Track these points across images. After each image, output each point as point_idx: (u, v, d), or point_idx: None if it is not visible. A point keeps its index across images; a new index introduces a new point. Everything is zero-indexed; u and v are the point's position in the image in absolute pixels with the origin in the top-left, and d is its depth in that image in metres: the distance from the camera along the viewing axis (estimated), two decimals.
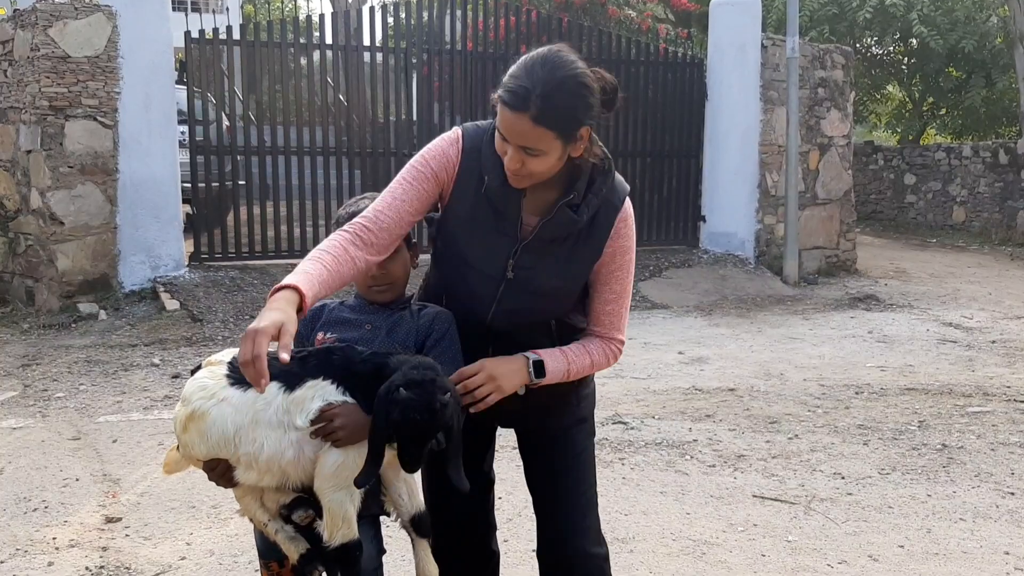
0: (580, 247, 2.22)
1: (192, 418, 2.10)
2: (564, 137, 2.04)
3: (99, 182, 7.93)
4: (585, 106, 2.04)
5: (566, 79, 2.01)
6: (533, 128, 2.00)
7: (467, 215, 2.21)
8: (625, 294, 2.30)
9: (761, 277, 9.97)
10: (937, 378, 6.45)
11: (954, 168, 15.05)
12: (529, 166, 2.06)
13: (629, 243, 2.26)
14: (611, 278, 2.27)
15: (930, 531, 3.99)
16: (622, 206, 2.24)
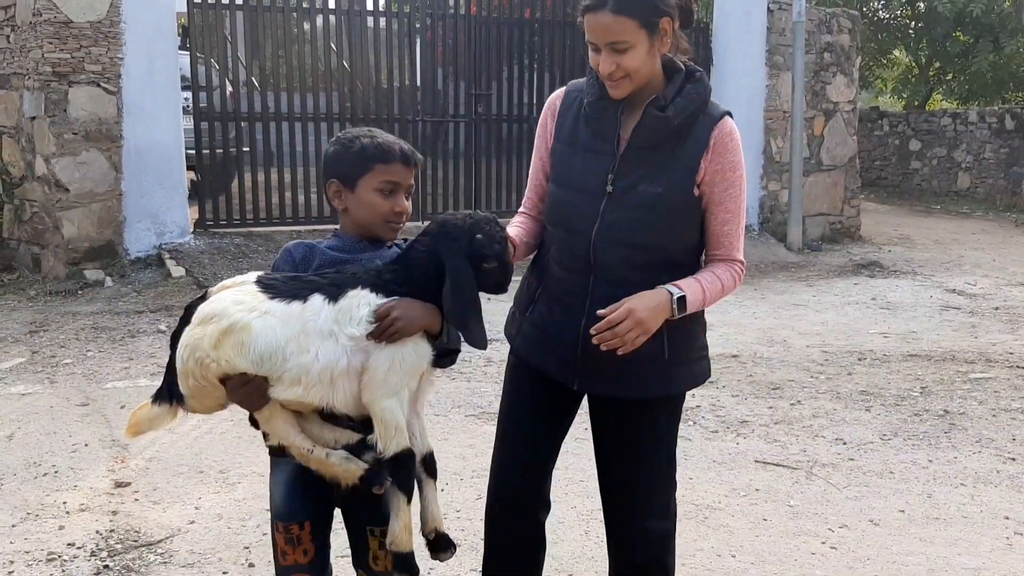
0: (677, 154, 2.22)
1: (230, 331, 2.02)
2: (647, 25, 2.12)
3: (103, 149, 7.92)
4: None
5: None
6: (615, 19, 2.10)
7: (567, 139, 2.33)
8: (741, 212, 2.28)
9: (765, 244, 9.96)
10: (940, 344, 6.47)
11: (960, 134, 14.98)
12: (623, 64, 2.13)
13: (736, 158, 2.24)
14: (725, 196, 2.24)
15: (931, 496, 4.03)
16: (721, 119, 2.24)
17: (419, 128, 9.60)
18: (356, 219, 2.25)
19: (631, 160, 2.24)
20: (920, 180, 15.66)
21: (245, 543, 3.56)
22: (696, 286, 2.23)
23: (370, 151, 2.20)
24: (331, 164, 2.26)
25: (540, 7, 10.05)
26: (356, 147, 2.21)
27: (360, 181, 2.21)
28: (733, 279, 2.30)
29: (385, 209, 2.22)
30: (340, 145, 2.26)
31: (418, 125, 9.59)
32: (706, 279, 2.25)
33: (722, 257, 2.30)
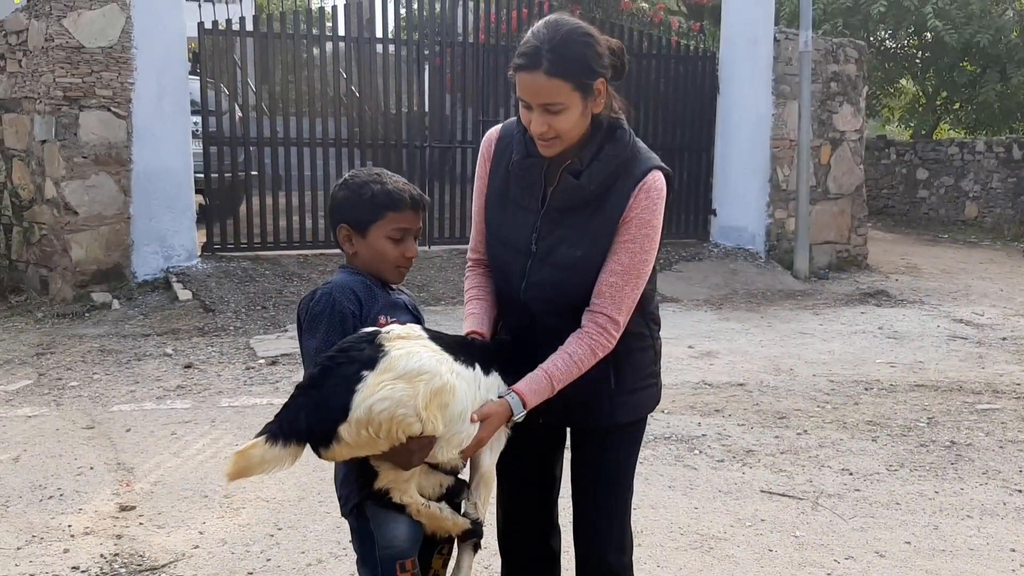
0: (597, 216, 2.20)
1: (440, 392, 1.98)
2: (581, 88, 2.10)
3: (113, 172, 7.98)
4: (595, 54, 2.11)
5: (571, 31, 2.10)
6: (548, 81, 2.07)
7: (498, 192, 2.33)
8: (633, 272, 2.20)
9: (771, 271, 9.97)
10: (947, 375, 6.45)
11: (967, 163, 14.99)
12: (555, 125, 2.12)
13: (647, 216, 2.19)
14: (620, 248, 2.20)
15: (937, 528, 4.00)
16: (643, 177, 2.20)
17: (427, 154, 9.65)
18: (366, 263, 2.28)
19: (552, 221, 2.24)
20: (927, 209, 15.66)
21: (249, 568, 3.55)
22: (543, 382, 2.19)
23: (381, 199, 2.22)
24: (341, 209, 2.27)
25: None
26: (367, 194, 2.23)
27: (371, 228, 2.24)
28: (592, 350, 2.20)
29: (395, 255, 2.26)
30: (350, 191, 2.26)
31: (426, 151, 9.65)
32: (558, 367, 2.20)
33: (598, 310, 2.21)
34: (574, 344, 2.22)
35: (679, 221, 10.65)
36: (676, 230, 10.62)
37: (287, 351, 6.73)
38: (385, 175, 2.28)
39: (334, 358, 1.99)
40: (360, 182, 2.26)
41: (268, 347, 6.86)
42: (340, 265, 2.35)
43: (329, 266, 8.79)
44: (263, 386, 5.96)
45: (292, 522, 3.96)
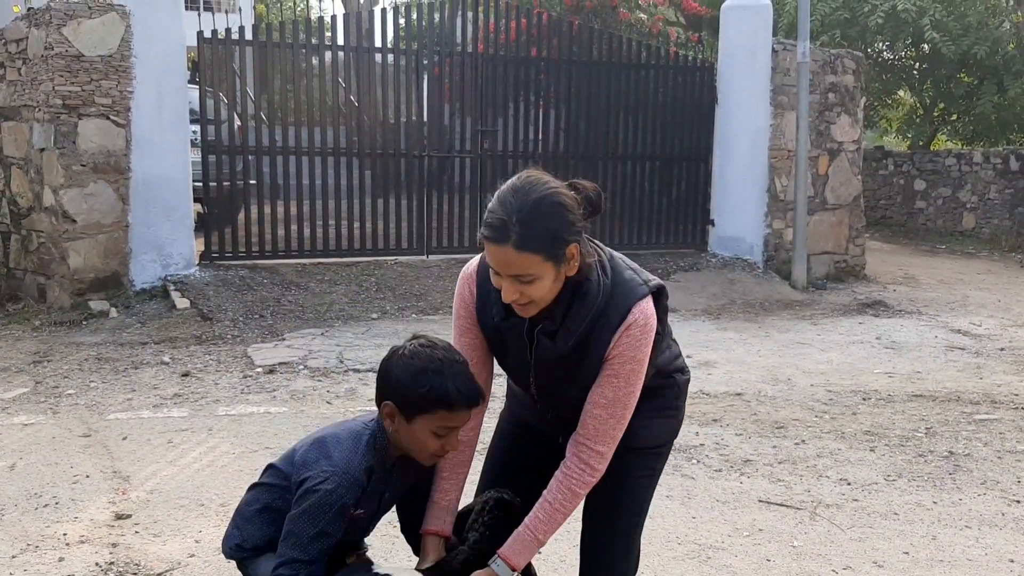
0: (583, 362, 2.19)
1: None
2: (552, 258, 2.04)
3: (111, 181, 7.98)
4: (565, 224, 2.04)
5: (540, 200, 2.02)
6: (518, 255, 2.01)
7: (492, 341, 2.32)
8: (618, 404, 2.17)
9: (769, 282, 9.97)
10: (945, 385, 6.45)
11: (964, 174, 15.02)
12: (528, 293, 2.07)
13: (631, 353, 2.14)
14: (605, 382, 2.17)
15: (935, 538, 3.99)
16: (621, 324, 2.14)
17: (425, 163, 9.66)
18: (403, 444, 2.22)
19: (544, 370, 2.26)
20: (925, 220, 15.68)
21: None
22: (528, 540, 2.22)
23: (439, 396, 2.13)
24: (393, 388, 2.18)
25: (546, 46, 10.15)
26: (423, 387, 2.13)
27: (419, 418, 2.16)
28: (574, 493, 2.22)
29: (435, 448, 2.20)
30: (407, 373, 2.15)
31: (424, 160, 9.66)
32: (540, 519, 2.23)
33: (583, 442, 2.21)
34: (555, 489, 2.24)
35: (677, 231, 10.66)
36: (674, 240, 10.63)
37: (285, 360, 6.72)
38: (447, 363, 2.15)
39: None
40: (419, 368, 2.14)
41: (266, 356, 6.85)
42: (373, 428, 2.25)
43: (327, 275, 8.79)
44: (260, 395, 5.95)
45: None
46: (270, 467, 2.38)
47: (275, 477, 2.32)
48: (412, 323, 7.87)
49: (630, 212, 10.44)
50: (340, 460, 2.14)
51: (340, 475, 2.12)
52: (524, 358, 2.26)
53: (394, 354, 2.20)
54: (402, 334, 7.49)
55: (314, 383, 6.21)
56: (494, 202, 2.05)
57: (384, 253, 9.45)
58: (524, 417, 2.51)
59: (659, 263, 9.98)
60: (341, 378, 6.34)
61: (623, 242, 10.27)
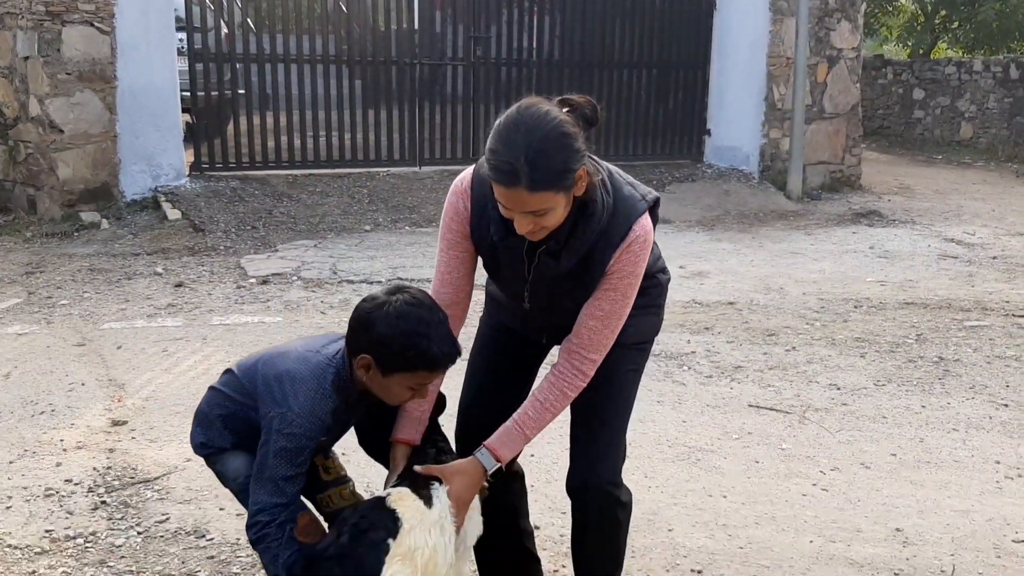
0: (583, 277, 2.20)
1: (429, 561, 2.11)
2: (564, 189, 2.02)
3: (98, 89, 7.84)
4: (573, 153, 2.00)
5: (546, 137, 1.97)
6: (531, 196, 1.99)
7: (486, 256, 2.31)
8: (613, 316, 2.20)
9: (765, 192, 9.92)
10: (936, 293, 6.47)
11: (964, 83, 14.84)
12: (541, 223, 2.06)
13: (631, 268, 2.17)
14: (602, 295, 2.19)
15: (923, 440, 4.05)
16: (623, 241, 2.15)
17: (416, 71, 9.50)
18: (370, 388, 2.21)
19: (542, 285, 2.25)
20: (923, 130, 15.54)
21: None
22: (516, 435, 2.25)
23: (423, 360, 2.12)
24: (376, 345, 2.12)
25: None
26: (411, 350, 2.10)
27: (397, 375, 2.15)
28: (564, 394, 2.24)
29: (404, 399, 2.23)
30: (395, 334, 2.10)
31: (415, 68, 9.49)
32: (529, 415, 2.25)
33: (576, 349, 2.23)
34: (546, 389, 2.26)
35: (673, 142, 10.56)
36: (670, 151, 10.53)
37: (278, 271, 6.71)
38: (433, 324, 2.13)
39: (358, 525, 2.10)
40: (406, 330, 2.10)
41: (259, 267, 6.84)
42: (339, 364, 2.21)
43: (319, 186, 8.72)
44: (254, 305, 5.95)
45: None
46: (228, 373, 2.37)
47: (235, 391, 2.31)
48: (405, 235, 7.84)
49: (625, 122, 10.32)
50: (306, 403, 2.14)
51: (307, 417, 2.13)
52: (521, 275, 2.26)
53: (377, 308, 2.14)
54: (396, 246, 7.48)
55: (308, 294, 6.22)
56: (496, 141, 2.00)
57: (376, 164, 9.36)
58: (506, 323, 2.52)
59: (654, 174, 9.91)
60: (335, 289, 6.34)
61: (618, 153, 10.18)
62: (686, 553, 3.11)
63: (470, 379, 2.59)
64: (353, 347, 2.17)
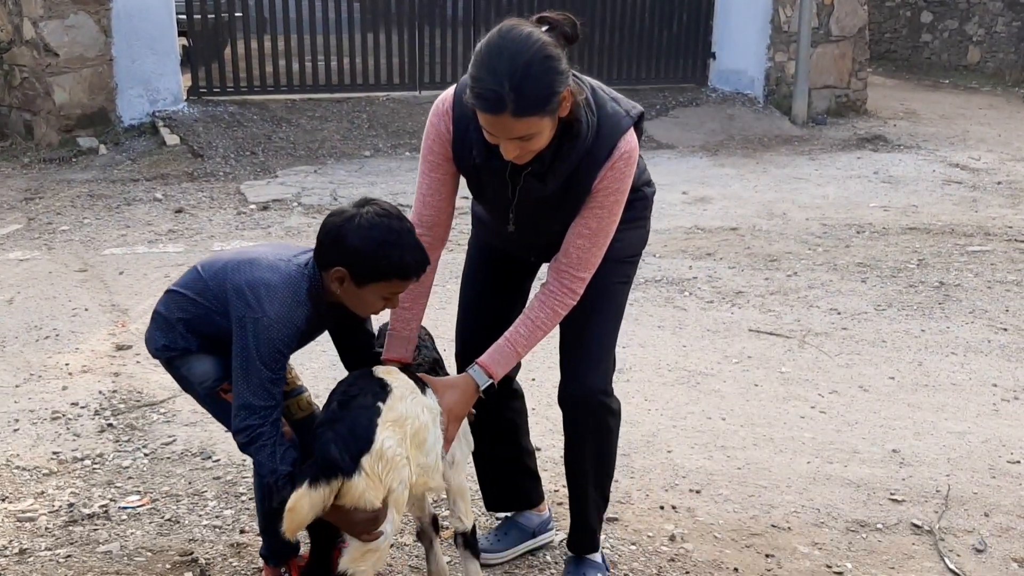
0: (568, 197, 2.19)
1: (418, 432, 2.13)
2: (549, 113, 2.00)
3: (92, 12, 7.70)
4: (557, 74, 1.97)
5: (530, 62, 1.94)
6: (517, 121, 1.96)
7: (469, 177, 2.29)
8: (600, 234, 2.20)
9: (769, 117, 9.81)
10: (939, 218, 6.45)
11: (973, 6, 14.54)
12: (528, 147, 2.04)
13: (616, 185, 2.16)
14: (589, 213, 2.19)
15: (921, 364, 4.08)
16: (608, 159, 2.13)
17: None
18: (345, 302, 2.22)
19: (526, 207, 2.24)
20: (930, 54, 15.30)
21: None
22: (508, 352, 2.26)
23: (395, 268, 2.14)
24: (348, 256, 2.13)
25: None
26: (384, 259, 2.12)
27: (371, 285, 2.16)
28: (555, 312, 2.25)
29: (379, 309, 2.24)
30: (367, 244, 2.11)
31: None
32: (521, 334, 2.26)
33: (565, 268, 2.23)
34: (537, 307, 2.26)
35: (677, 65, 10.39)
36: (674, 75, 10.37)
37: (278, 196, 6.69)
38: (403, 234, 2.14)
39: (347, 392, 2.13)
40: (378, 240, 2.11)
41: (259, 192, 6.80)
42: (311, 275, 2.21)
43: (318, 111, 8.63)
44: (255, 231, 5.94)
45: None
46: (193, 272, 2.33)
47: (200, 294, 2.28)
48: (406, 160, 7.79)
49: (628, 45, 10.15)
50: (282, 310, 2.16)
51: (284, 323, 2.15)
52: (505, 197, 2.24)
53: (347, 221, 2.14)
54: (396, 172, 7.43)
55: (308, 220, 6.20)
56: (479, 68, 1.97)
57: (375, 89, 9.24)
58: (493, 242, 2.51)
59: (657, 98, 9.79)
60: None
61: (621, 77, 10.03)
62: (685, 474, 3.16)
63: (464, 303, 2.60)
64: (324, 261, 2.18)
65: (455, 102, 2.20)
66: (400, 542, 2.74)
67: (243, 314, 2.15)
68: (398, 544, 2.73)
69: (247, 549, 2.70)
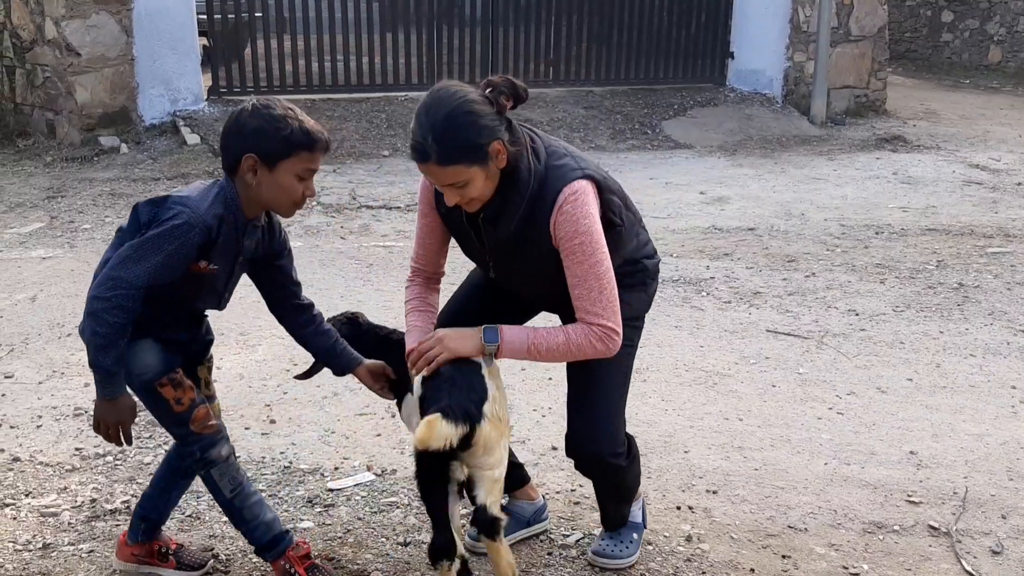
0: (534, 239, 2.26)
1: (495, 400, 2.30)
2: (476, 162, 2.12)
3: (113, 12, 7.78)
4: (478, 128, 2.11)
5: (450, 115, 2.10)
6: (443, 169, 2.12)
7: (449, 227, 2.44)
8: (587, 278, 2.22)
9: (787, 117, 9.78)
10: (959, 219, 6.42)
11: (994, 5, 14.44)
12: (466, 194, 2.18)
13: (571, 230, 2.20)
14: (567, 266, 2.24)
15: (939, 366, 4.07)
16: (554, 205, 2.20)
17: None
18: (265, 198, 2.24)
19: (498, 258, 2.36)
20: (950, 53, 15.20)
21: (266, 401, 3.66)
22: (524, 335, 2.28)
23: (298, 138, 2.19)
24: (252, 139, 2.19)
25: None
26: (284, 130, 2.18)
27: (281, 164, 2.20)
28: (589, 340, 2.25)
29: (298, 194, 2.25)
30: (264, 121, 2.19)
31: None
32: (548, 333, 2.28)
33: (589, 320, 2.26)
34: (575, 327, 2.27)
35: (695, 65, 10.38)
36: (692, 75, 10.36)
37: None
38: (299, 111, 2.24)
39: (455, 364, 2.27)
40: (277, 115, 2.19)
41: None
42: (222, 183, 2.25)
43: (337, 111, 8.68)
44: None
45: (307, 357, 4.01)
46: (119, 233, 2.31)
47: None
48: None
49: (647, 45, 10.14)
50: (190, 197, 2.20)
51: (190, 212, 2.15)
52: (474, 244, 2.38)
53: (240, 113, 2.22)
54: (414, 171, 7.43)
55: (327, 219, 6.24)
56: (413, 123, 2.15)
57: (394, 88, 9.28)
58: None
59: (675, 98, 9.79)
60: (354, 214, 6.36)
61: (638, 77, 10.05)
62: (702, 474, 3.16)
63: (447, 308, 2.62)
64: (232, 159, 2.22)
65: None
66: (417, 540, 2.77)
67: (153, 215, 2.17)
68: (415, 542, 2.76)
69: None
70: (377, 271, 5.20)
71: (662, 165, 7.97)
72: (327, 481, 3.10)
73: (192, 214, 2.15)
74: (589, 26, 9.89)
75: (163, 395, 2.28)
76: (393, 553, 2.70)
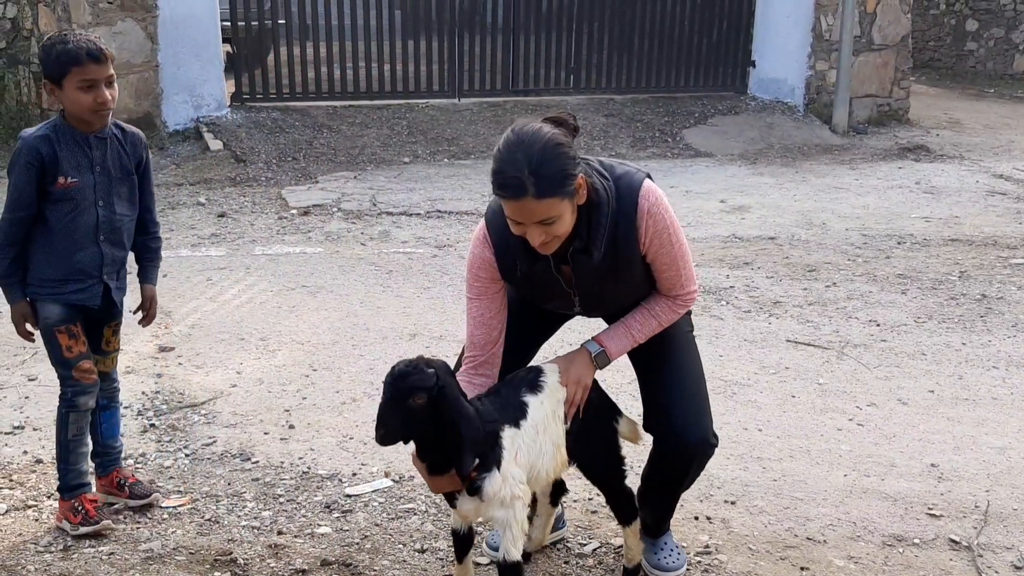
0: (620, 261, 2.34)
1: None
2: (567, 195, 2.19)
3: (139, 19, 7.86)
4: (569, 160, 2.19)
5: (544, 149, 2.16)
6: (539, 203, 2.16)
7: (522, 289, 2.49)
8: (677, 260, 2.38)
9: (809, 125, 9.75)
10: (982, 230, 6.37)
11: (1020, 13, 14.33)
12: (553, 232, 2.22)
13: (660, 226, 2.32)
14: (660, 253, 2.35)
15: (962, 378, 4.04)
16: (636, 208, 2.30)
17: (456, 1, 9.38)
18: (71, 113, 2.66)
19: (587, 291, 2.43)
20: (975, 62, 15.09)
21: (285, 406, 3.68)
22: (623, 333, 2.44)
23: (64, 58, 2.59)
24: (43, 68, 2.66)
25: None
26: (53, 54, 2.61)
27: (64, 82, 2.62)
28: (673, 310, 2.45)
29: (88, 103, 2.62)
30: (43, 51, 2.65)
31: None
32: (638, 320, 2.45)
33: (668, 294, 2.44)
34: (656, 301, 2.44)
35: (716, 73, 10.36)
36: (713, 83, 10.34)
37: (319, 202, 6.76)
38: (71, 35, 2.64)
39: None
40: (50, 43, 2.63)
41: (300, 198, 6.89)
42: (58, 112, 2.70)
43: (358, 118, 8.72)
44: (296, 235, 6.02)
45: (326, 363, 4.06)
46: None
47: None
48: (444, 167, 7.84)
49: (668, 53, 10.13)
50: (25, 134, 2.70)
51: (23, 140, 2.66)
52: (562, 290, 2.42)
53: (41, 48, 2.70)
54: (435, 178, 7.48)
55: (348, 225, 6.27)
56: (499, 162, 2.18)
57: (415, 96, 9.31)
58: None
59: (696, 106, 9.77)
60: (375, 220, 6.38)
61: (659, 85, 10.04)
62: (720, 484, 3.15)
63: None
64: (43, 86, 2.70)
65: (489, 228, 2.39)
66: (434, 547, 2.77)
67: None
68: (432, 549, 2.76)
69: (285, 550, 2.75)
70: (397, 277, 5.21)
71: (682, 173, 7.96)
72: (345, 487, 3.11)
73: (23, 141, 2.66)
74: (610, 34, 9.89)
75: (58, 340, 2.76)
76: (410, 559, 2.71)
